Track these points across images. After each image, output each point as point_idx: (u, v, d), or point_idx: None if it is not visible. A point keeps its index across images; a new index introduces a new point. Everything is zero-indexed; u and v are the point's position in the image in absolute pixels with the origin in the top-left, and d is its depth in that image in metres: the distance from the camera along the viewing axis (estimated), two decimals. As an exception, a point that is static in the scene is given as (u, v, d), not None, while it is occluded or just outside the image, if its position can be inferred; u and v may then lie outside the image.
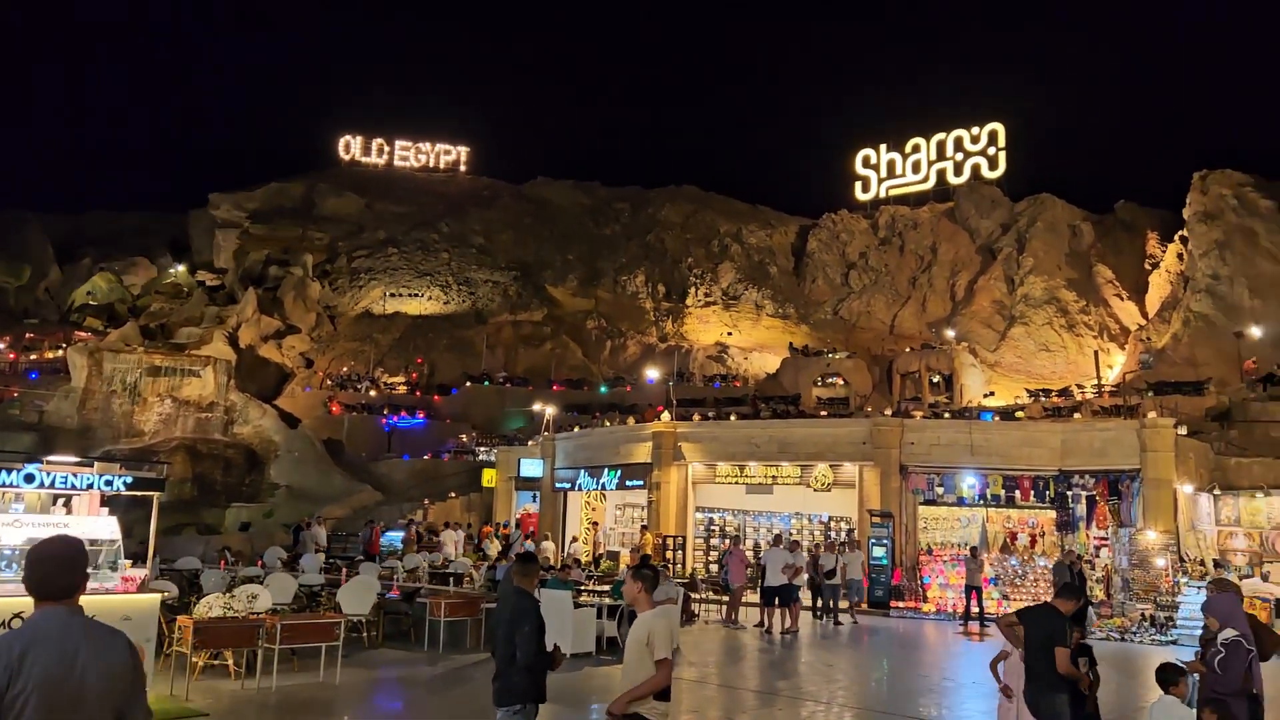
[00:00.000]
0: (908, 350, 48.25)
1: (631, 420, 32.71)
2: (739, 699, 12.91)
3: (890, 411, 30.02)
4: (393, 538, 29.15)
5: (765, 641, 18.15)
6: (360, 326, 55.50)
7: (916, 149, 59.45)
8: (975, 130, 57.72)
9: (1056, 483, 23.97)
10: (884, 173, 60.37)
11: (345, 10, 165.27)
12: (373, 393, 48.21)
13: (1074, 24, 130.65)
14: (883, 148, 60.61)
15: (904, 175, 59.76)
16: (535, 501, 34.43)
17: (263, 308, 50.27)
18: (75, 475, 11.81)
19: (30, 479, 11.45)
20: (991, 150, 57.07)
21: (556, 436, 34.42)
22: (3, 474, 11.38)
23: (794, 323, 57.02)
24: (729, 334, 56.70)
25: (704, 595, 22.89)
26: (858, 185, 61.10)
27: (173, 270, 59.36)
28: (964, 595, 21.51)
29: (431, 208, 64.54)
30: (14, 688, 3.13)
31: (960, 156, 57.89)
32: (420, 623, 15.95)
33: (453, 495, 36.90)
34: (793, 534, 27.13)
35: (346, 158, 70.67)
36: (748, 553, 26.50)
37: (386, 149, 71.52)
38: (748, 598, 21.46)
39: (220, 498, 38.07)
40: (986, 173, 57.00)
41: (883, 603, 23.24)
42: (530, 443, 36.62)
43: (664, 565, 23.01)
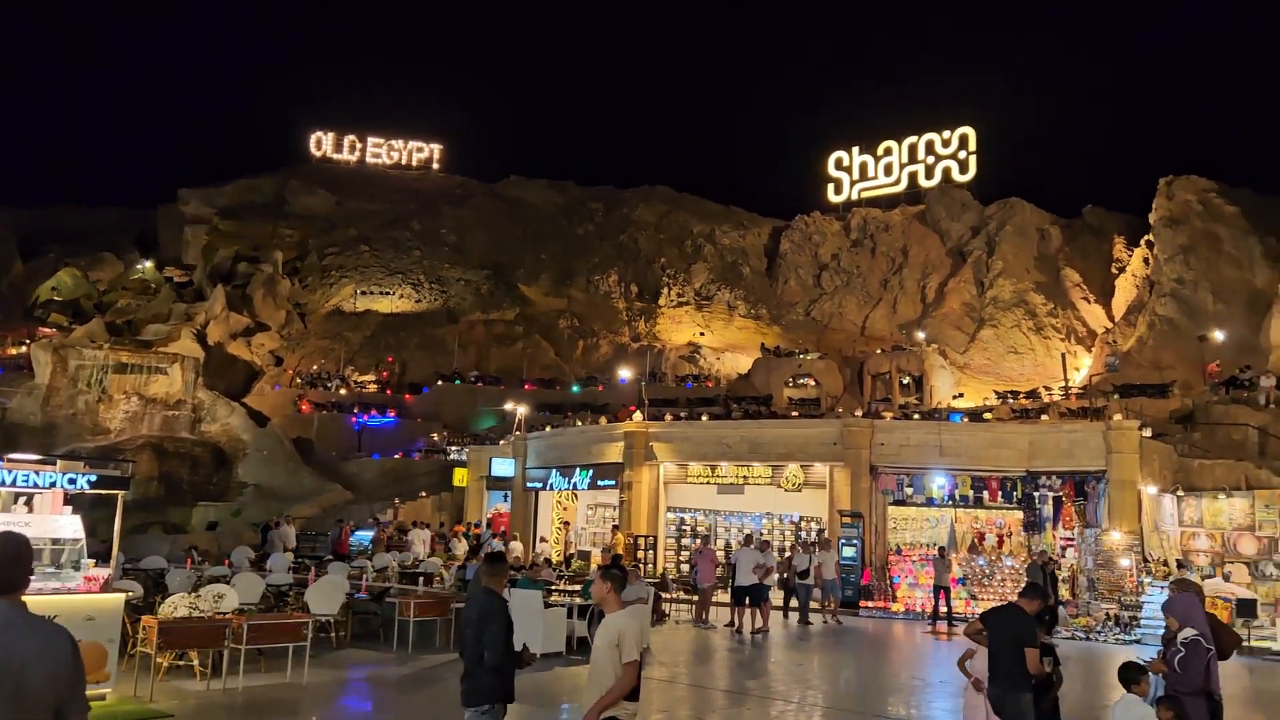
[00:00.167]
0: (879, 351, 48.55)
1: (604, 420, 32.70)
2: (709, 699, 12.94)
3: (861, 412, 30.19)
4: (362, 537, 28.96)
5: (735, 641, 18.21)
6: (331, 324, 55.08)
7: (888, 152, 59.82)
8: (946, 134, 58.17)
9: (1024, 483, 24.22)
10: (856, 175, 60.71)
11: (317, 6, 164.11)
12: (343, 391, 47.87)
13: (1044, 30, 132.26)
14: (855, 150, 60.94)
15: (876, 178, 60.12)
16: (506, 501, 34.33)
17: (232, 305, 49.76)
18: (38, 473, 11.64)
19: (-9, 477, 11.27)
20: (962, 154, 57.54)
21: (528, 436, 34.33)
22: (-37, 472, 11.20)
23: (766, 323, 57.23)
24: (701, 334, 56.82)
25: (675, 595, 22.95)
26: (830, 187, 61.41)
27: (140, 266, 58.62)
28: (932, 595, 21.71)
29: (404, 205, 64.16)
30: None
31: (931, 160, 58.32)
32: (389, 623, 15.87)
33: (423, 495, 36.71)
34: (764, 534, 27.24)
35: (318, 154, 70.10)
36: (719, 553, 26.59)
37: (359, 146, 70.99)
38: (719, 597, 21.52)
39: (187, 496, 37.62)
40: (957, 176, 57.46)
41: (852, 602, 23.39)
42: (502, 442, 36.51)
43: (635, 565, 23.02)
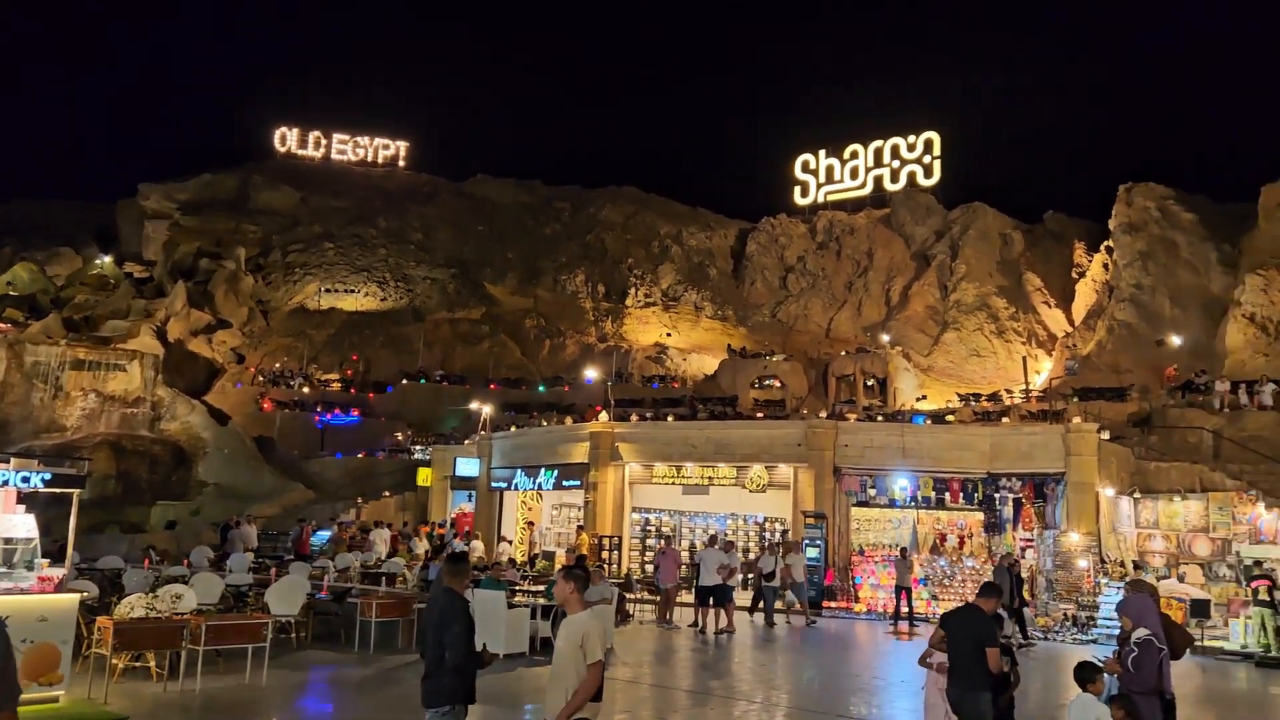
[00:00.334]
0: (843, 354, 48.87)
1: (569, 420, 32.66)
2: (672, 699, 12.96)
3: (825, 414, 30.39)
4: (321, 537, 28.74)
5: (699, 642, 18.25)
6: (294, 322, 54.50)
7: (855, 155, 60.25)
8: (912, 138, 58.70)
9: (985, 485, 24.51)
10: (822, 178, 61.08)
11: (278, 1, 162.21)
12: (306, 389, 47.41)
13: (1007, 37, 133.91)
14: (822, 153, 61.31)
15: (842, 181, 60.52)
16: (471, 501, 34.19)
17: (193, 301, 49.08)
18: (-10, 471, 11.42)
19: (-58, 475, 11.04)
20: (927, 159, 58.08)
21: (493, 436, 34.21)
22: (-88, 470, 10.97)
23: (732, 325, 57.43)
24: (668, 335, 56.89)
25: (639, 595, 22.95)
26: (797, 190, 61.73)
27: (99, 261, 57.63)
28: (894, 595, 21.91)
29: (369, 203, 63.65)
30: None
31: (897, 164, 58.81)
32: (351, 623, 15.73)
33: (387, 494, 36.46)
34: (728, 535, 27.35)
35: (282, 150, 69.32)
36: (684, 553, 26.64)
37: (324, 142, 70.30)
38: (683, 598, 21.55)
39: (146, 495, 37.11)
40: (922, 180, 58.00)
41: (815, 603, 23.52)
42: (466, 442, 36.35)
43: (599, 566, 23.01)
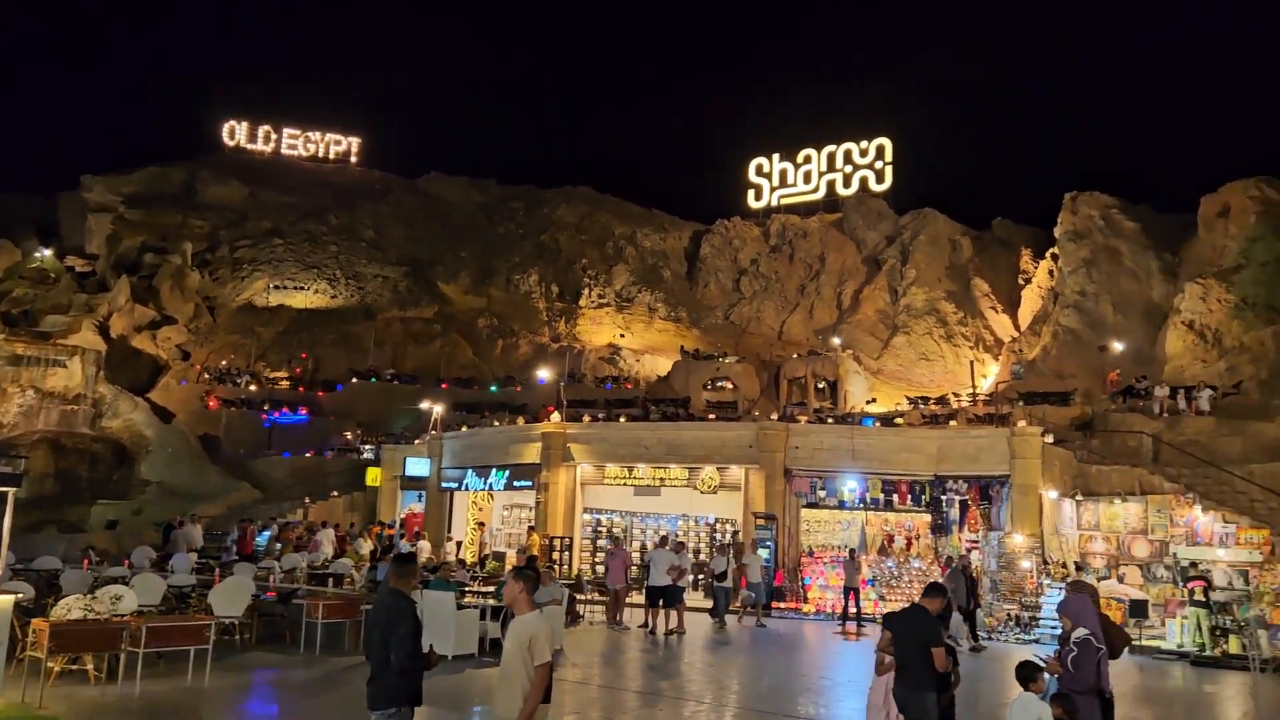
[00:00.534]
0: (795, 356, 49.23)
1: (521, 420, 32.52)
2: (621, 700, 12.96)
3: (776, 416, 30.58)
4: (264, 537, 28.36)
5: (649, 642, 18.28)
6: (241, 319, 53.61)
7: (808, 160, 60.77)
8: (864, 144, 59.34)
9: (932, 487, 24.86)
10: (776, 182, 61.52)
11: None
12: (253, 387, 46.67)
13: (958, 47, 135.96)
14: (775, 157, 61.76)
15: (795, 185, 61.02)
16: (421, 501, 33.90)
17: (137, 296, 48.04)
18: (-79, 469, 11.09)
19: None
20: (879, 164, 58.76)
21: (444, 435, 33.96)
22: None
23: (686, 326, 57.60)
24: (621, 336, 56.90)
25: (590, 596, 22.93)
26: (750, 193, 62.11)
27: (39, 254, 56.01)
28: (843, 596, 22.14)
29: (320, 199, 62.80)
30: None
31: (849, 169, 59.43)
32: (297, 625, 15.51)
33: (335, 494, 36.02)
34: (679, 536, 27.44)
35: (231, 144, 68.12)
36: (635, 554, 26.68)
37: (274, 136, 69.21)
38: (636, 599, 21.57)
39: (85, 494, 36.28)
40: (874, 186, 58.66)
41: (765, 604, 23.66)
42: (417, 441, 36.04)
43: (550, 566, 22.95)
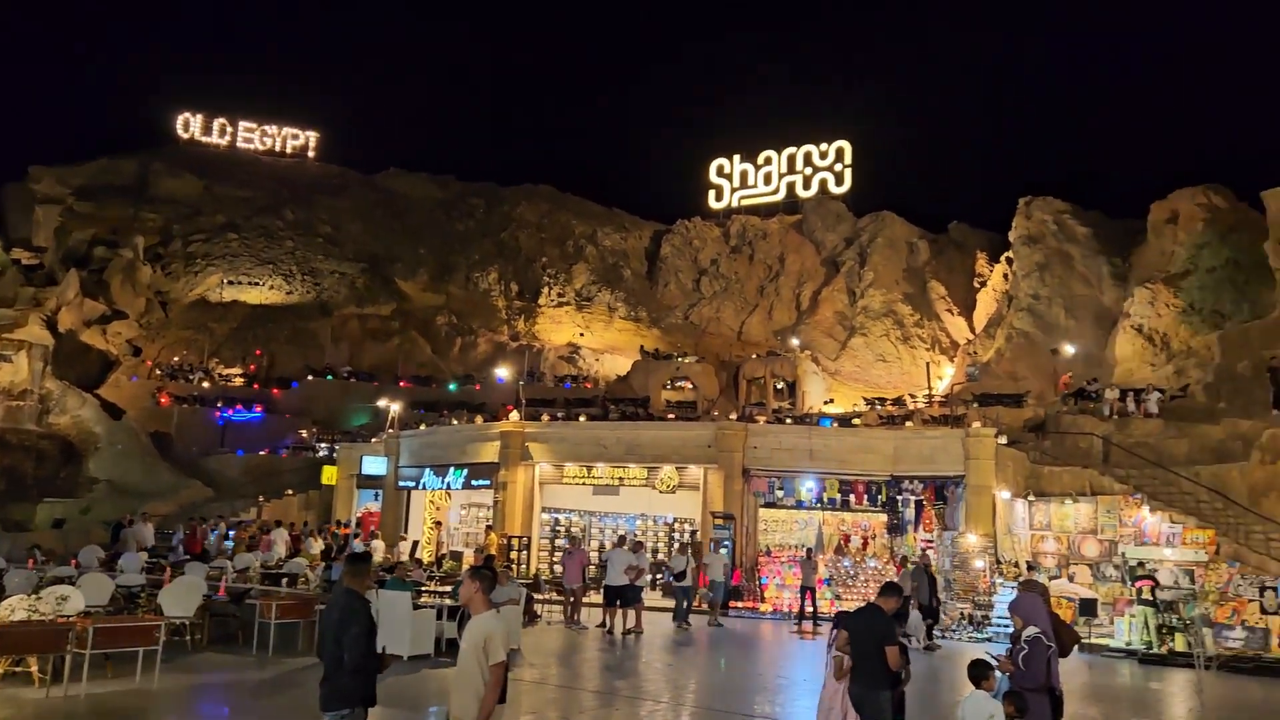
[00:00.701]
0: (754, 357, 49.47)
1: (480, 419, 32.36)
2: (578, 699, 12.94)
3: (735, 416, 30.72)
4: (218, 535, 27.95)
5: (606, 642, 18.26)
6: (195, 314, 52.74)
7: (768, 161, 61.05)
8: (824, 146, 59.72)
9: (888, 487, 25.12)
10: (737, 183, 61.73)
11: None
12: (206, 384, 45.98)
13: (916, 52, 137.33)
14: (736, 158, 61.96)
15: (756, 186, 61.27)
16: (377, 500, 33.61)
17: (86, 290, 47.06)
18: None
19: None
20: (838, 167, 59.17)
21: (401, 434, 33.70)
22: None
23: (645, 326, 57.62)
24: (581, 335, 56.79)
25: (547, 596, 22.88)
26: (711, 193, 62.26)
27: (-16, 247, 54.86)
28: (799, 595, 22.28)
29: (276, 193, 61.95)
30: None
31: (809, 171, 59.77)
32: (250, 625, 15.30)
33: (290, 493, 35.61)
34: (638, 535, 27.46)
35: (185, 136, 66.90)
36: (593, 554, 26.64)
37: (229, 129, 68.08)
38: (595, 599, 21.54)
39: (31, 492, 35.48)
40: (833, 188, 59.06)
41: (722, 603, 23.75)
42: (374, 440, 35.73)
43: (508, 566, 22.87)
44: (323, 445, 40.10)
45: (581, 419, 31.19)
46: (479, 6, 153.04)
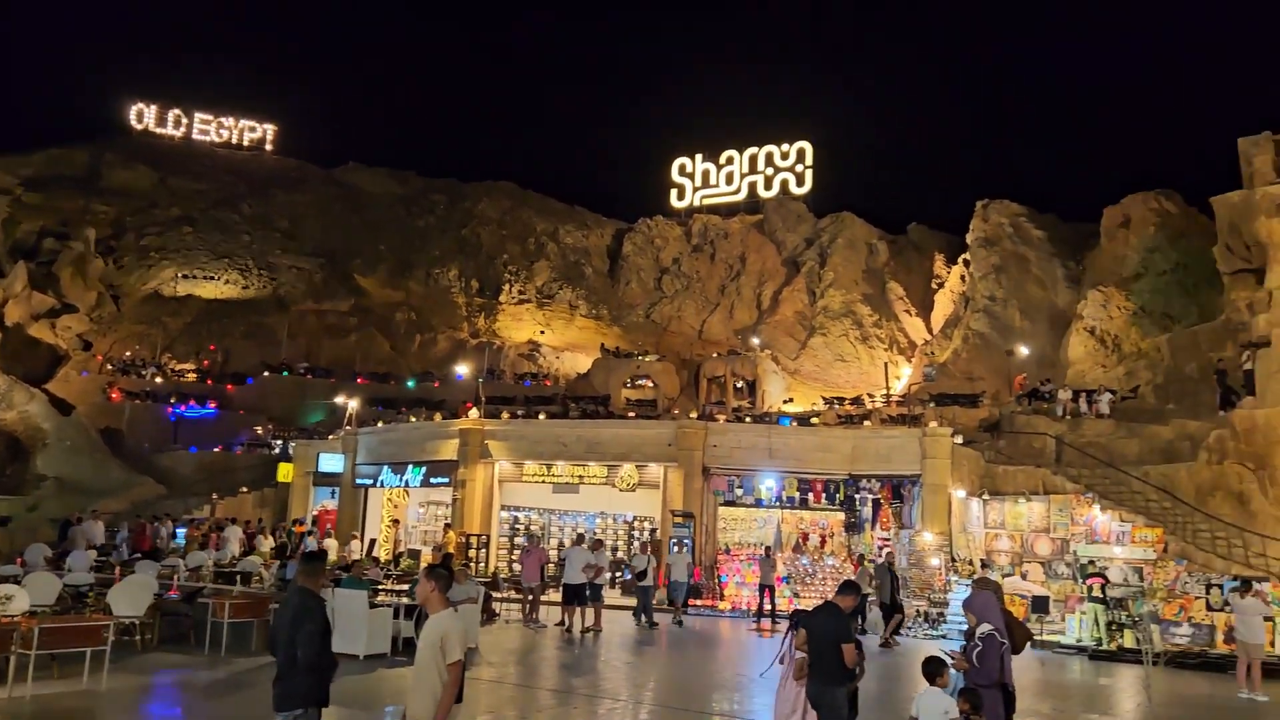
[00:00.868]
0: (715, 355, 49.63)
1: (439, 416, 32.14)
2: (536, 698, 12.90)
3: (695, 414, 30.80)
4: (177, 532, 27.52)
5: (565, 641, 18.23)
6: (148, 308, 51.84)
7: (730, 161, 61.26)
8: (785, 147, 60.05)
9: (846, 486, 25.34)
10: (699, 182, 61.87)
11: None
12: (159, 379, 45.20)
13: (877, 55, 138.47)
14: (698, 157, 62.11)
15: (717, 186, 61.46)
16: (334, 498, 33.26)
17: (35, 283, 46.02)
18: None
19: None
20: (799, 168, 59.54)
21: (359, 431, 33.38)
22: None
23: (607, 324, 57.58)
24: (542, 332, 56.61)
25: (506, 594, 22.78)
26: (673, 192, 62.35)
27: (-72, 237, 53.49)
28: (758, 593, 22.40)
29: (233, 186, 61.06)
30: None
31: (771, 171, 60.07)
32: (202, 625, 15.05)
33: (244, 490, 35.11)
34: (597, 533, 27.44)
35: (139, 127, 65.66)
36: (553, 552, 26.58)
37: (184, 120, 66.91)
38: (554, 597, 21.48)
39: (-24, 489, 34.70)
40: (794, 189, 59.41)
41: (682, 602, 23.79)
42: (331, 437, 35.35)
43: (466, 564, 22.74)
44: (278, 442, 39.61)
45: (541, 417, 31.10)
46: (440, 2, 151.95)
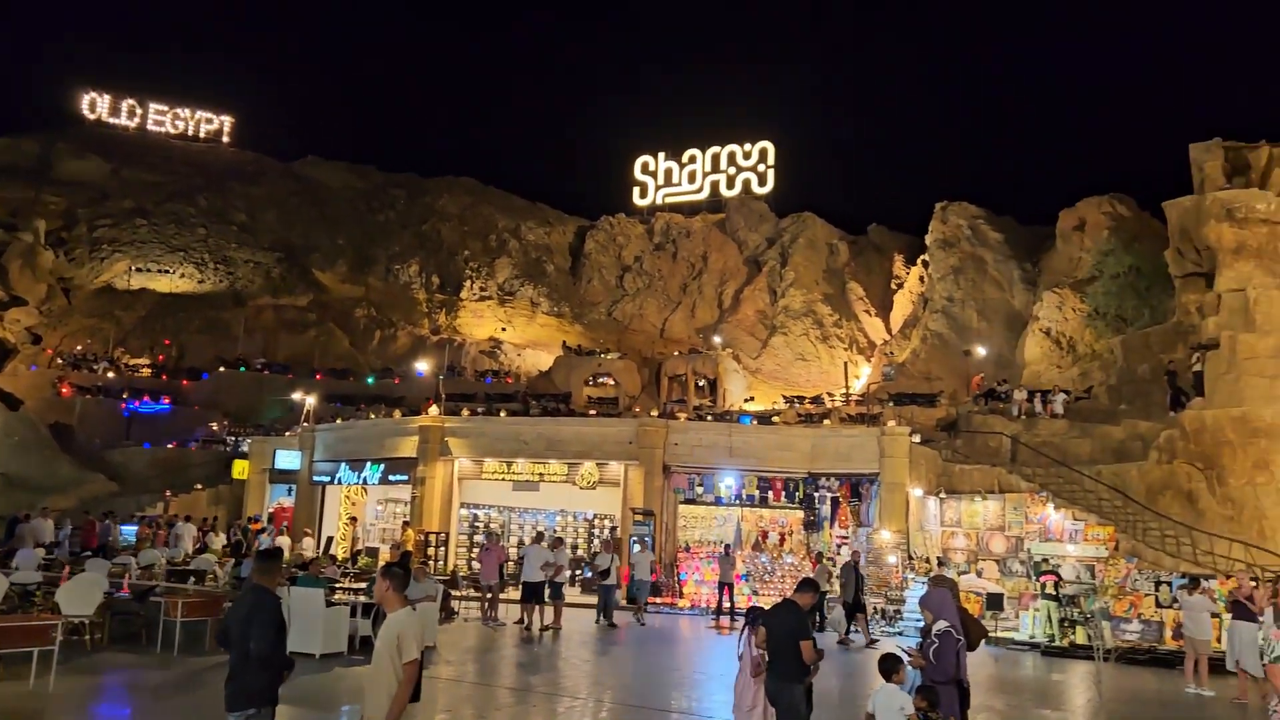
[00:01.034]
0: (676, 354, 49.74)
1: (398, 413, 31.89)
2: (495, 697, 12.84)
3: (656, 413, 30.86)
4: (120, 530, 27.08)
5: (524, 639, 18.17)
6: (100, 302, 50.87)
7: (693, 159, 61.37)
8: (748, 147, 60.30)
9: (806, 484, 25.51)
10: (661, 180, 61.92)
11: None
12: (111, 374, 44.37)
13: (838, 56, 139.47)
14: (661, 156, 62.15)
15: (680, 185, 61.55)
16: (290, 495, 32.87)
17: (-18, 275, 45.07)
18: None
19: None
20: (761, 167, 59.81)
21: (317, 428, 33.00)
22: None
23: (568, 321, 57.45)
24: (503, 329, 56.35)
25: (465, 592, 22.67)
26: (636, 190, 62.35)
27: None
28: (717, 591, 22.48)
29: (189, 179, 60.07)
30: None
31: (733, 170, 60.31)
32: (154, 624, 14.81)
33: (199, 487, 34.61)
34: (557, 531, 27.38)
35: (91, 117, 64.36)
36: (512, 550, 26.49)
37: (139, 111, 65.70)
38: (511, 595, 21.40)
39: (-81, 486, 33.81)
40: (756, 188, 59.68)
41: (643, 600, 23.80)
42: (288, 433, 34.93)
43: (424, 562, 22.58)
44: (234, 438, 39.06)
45: (502, 414, 30.97)
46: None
